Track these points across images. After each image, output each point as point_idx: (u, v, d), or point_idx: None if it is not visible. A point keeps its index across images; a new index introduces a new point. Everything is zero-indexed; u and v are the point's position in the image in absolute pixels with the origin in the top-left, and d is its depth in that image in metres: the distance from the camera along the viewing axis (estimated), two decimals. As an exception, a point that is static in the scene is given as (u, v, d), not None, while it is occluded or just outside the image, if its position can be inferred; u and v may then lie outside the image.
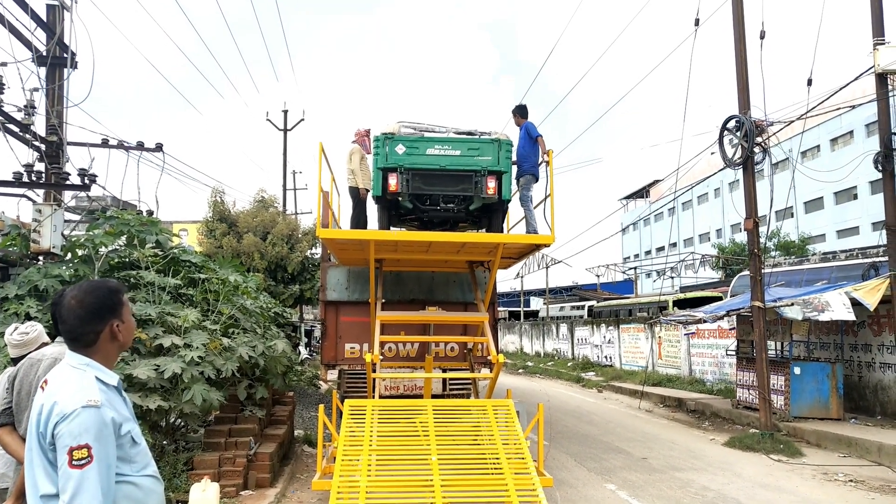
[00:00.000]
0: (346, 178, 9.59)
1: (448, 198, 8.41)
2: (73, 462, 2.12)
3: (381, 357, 8.14)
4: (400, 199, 8.35)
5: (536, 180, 9.14)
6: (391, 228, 9.00)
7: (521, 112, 9.54)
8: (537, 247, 9.29)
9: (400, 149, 8.23)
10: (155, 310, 7.08)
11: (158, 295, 7.53)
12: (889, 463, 9.27)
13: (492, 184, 8.28)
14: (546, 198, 8.81)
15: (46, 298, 7.10)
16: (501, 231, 9.13)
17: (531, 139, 9.07)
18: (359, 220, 9.31)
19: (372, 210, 9.34)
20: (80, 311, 2.35)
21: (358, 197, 9.34)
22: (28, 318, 6.45)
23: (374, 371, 7.49)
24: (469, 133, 8.73)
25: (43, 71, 9.28)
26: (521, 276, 43.98)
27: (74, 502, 2.10)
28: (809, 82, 11.61)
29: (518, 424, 6.45)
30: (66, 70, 9.36)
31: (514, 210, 9.49)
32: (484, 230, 9.25)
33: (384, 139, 8.32)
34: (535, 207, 9.13)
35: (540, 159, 9.04)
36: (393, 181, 8.22)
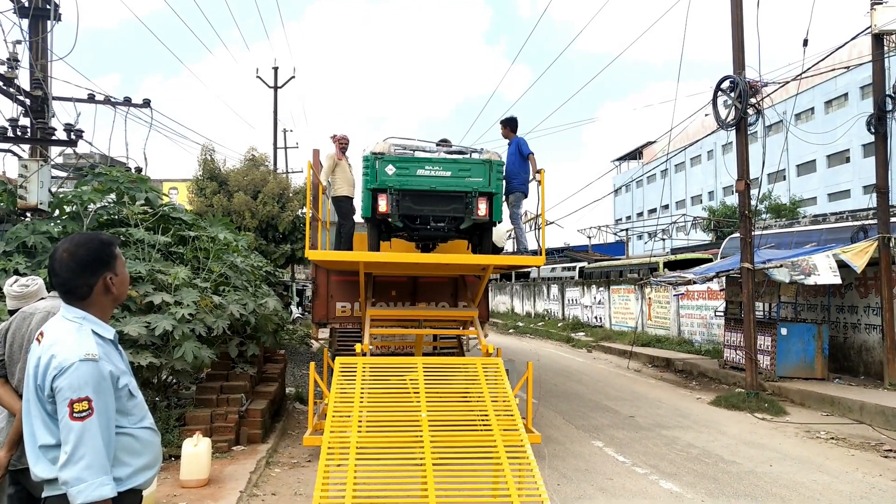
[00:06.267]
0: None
1: (438, 217, 8.21)
2: (74, 414, 2.16)
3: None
4: (389, 219, 8.16)
5: (526, 197, 8.99)
6: (381, 241, 8.92)
7: (510, 125, 9.23)
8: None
9: (390, 169, 7.98)
10: (145, 267, 7.06)
11: (148, 252, 7.49)
12: (870, 421, 9.47)
13: (483, 205, 8.06)
14: (536, 217, 8.72)
15: (35, 255, 7.06)
16: (491, 249, 9.04)
17: (522, 156, 8.84)
18: (339, 230, 9.12)
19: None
20: (72, 264, 2.36)
21: (337, 206, 9.16)
22: (17, 274, 6.42)
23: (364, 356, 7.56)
24: (460, 152, 8.53)
25: (25, 23, 9.08)
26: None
27: (77, 453, 2.14)
28: (805, 42, 11.44)
29: (507, 382, 6.51)
30: (49, 22, 9.16)
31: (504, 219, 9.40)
32: (475, 243, 9.16)
33: (374, 159, 8.02)
34: (524, 223, 9.05)
35: (531, 177, 8.87)
36: (383, 203, 7.98)
